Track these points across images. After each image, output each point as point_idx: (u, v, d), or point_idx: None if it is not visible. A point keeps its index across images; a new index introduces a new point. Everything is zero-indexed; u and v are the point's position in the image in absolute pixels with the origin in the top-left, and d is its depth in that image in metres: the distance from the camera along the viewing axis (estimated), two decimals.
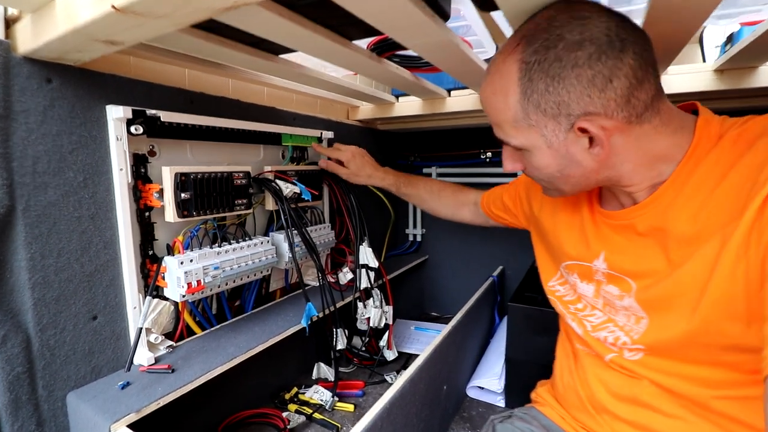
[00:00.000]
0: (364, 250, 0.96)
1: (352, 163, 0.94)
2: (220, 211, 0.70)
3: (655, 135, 0.46)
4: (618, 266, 0.53)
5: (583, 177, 0.48)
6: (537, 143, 0.47)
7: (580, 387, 0.59)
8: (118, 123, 0.59)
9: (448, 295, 1.40)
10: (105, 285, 0.60)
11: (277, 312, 0.85)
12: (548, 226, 0.66)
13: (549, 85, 0.43)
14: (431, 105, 1.08)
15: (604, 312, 0.58)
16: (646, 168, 0.47)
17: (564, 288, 0.67)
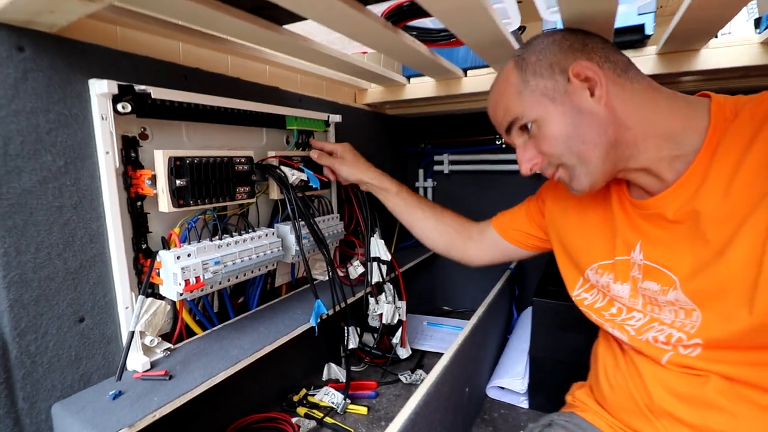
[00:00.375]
0: (375, 242, 0.90)
1: (348, 154, 0.84)
2: (220, 200, 0.63)
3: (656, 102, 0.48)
4: (655, 258, 0.50)
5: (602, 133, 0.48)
6: (543, 105, 0.49)
7: (635, 389, 0.53)
8: (103, 100, 0.52)
9: (460, 288, 1.34)
10: (92, 283, 0.53)
11: (283, 309, 0.78)
12: (573, 229, 0.64)
13: (539, 55, 0.51)
14: (446, 86, 1.01)
15: (645, 312, 0.54)
16: (661, 138, 0.48)
17: (591, 294, 0.62)
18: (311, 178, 0.76)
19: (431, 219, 0.82)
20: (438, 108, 1.16)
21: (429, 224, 0.82)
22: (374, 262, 0.90)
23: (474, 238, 0.82)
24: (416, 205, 0.82)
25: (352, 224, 0.96)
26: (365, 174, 0.82)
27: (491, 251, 0.81)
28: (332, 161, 0.82)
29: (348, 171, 0.82)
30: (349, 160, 0.83)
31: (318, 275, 0.93)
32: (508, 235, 0.78)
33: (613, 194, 0.58)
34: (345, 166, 0.82)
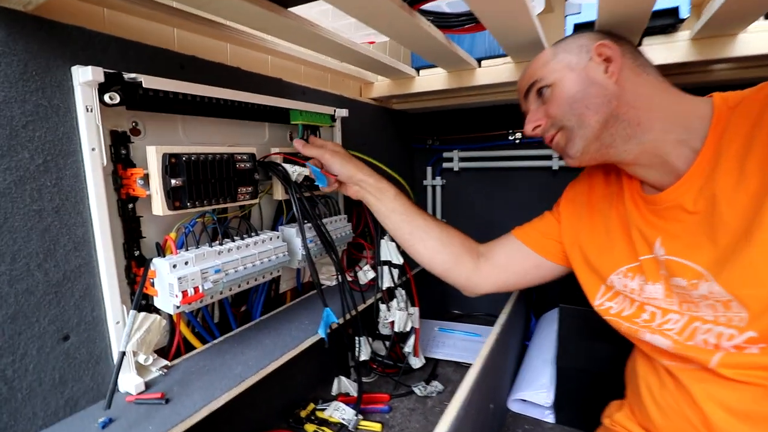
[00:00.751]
0: (386, 245, 0.84)
1: (340, 148, 0.74)
2: (219, 202, 0.57)
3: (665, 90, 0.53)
4: (677, 251, 0.50)
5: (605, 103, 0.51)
6: (563, 72, 0.54)
7: (689, 410, 0.48)
8: (88, 89, 0.46)
9: None
10: (78, 296, 0.47)
11: (289, 319, 0.73)
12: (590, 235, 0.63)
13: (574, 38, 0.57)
14: (458, 78, 0.95)
15: (682, 312, 0.51)
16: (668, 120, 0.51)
17: (616, 302, 0.58)
18: (318, 176, 0.70)
19: (435, 229, 0.71)
20: (448, 102, 1.10)
21: (432, 234, 0.71)
22: (385, 266, 0.84)
23: (484, 255, 0.72)
24: (418, 214, 0.72)
25: (360, 225, 0.91)
26: (360, 170, 0.71)
27: (509, 267, 0.71)
28: (321, 152, 0.70)
29: (340, 164, 0.70)
30: (341, 154, 0.72)
31: (325, 280, 0.87)
32: (538, 244, 0.70)
33: (625, 193, 0.59)
34: (337, 158, 0.70)
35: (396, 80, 1.03)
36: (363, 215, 0.90)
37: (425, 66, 0.99)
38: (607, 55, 0.53)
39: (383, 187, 0.71)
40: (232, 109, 0.63)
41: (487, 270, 0.72)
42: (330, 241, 0.72)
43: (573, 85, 0.53)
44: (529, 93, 0.59)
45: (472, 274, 0.72)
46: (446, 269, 0.72)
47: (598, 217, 0.63)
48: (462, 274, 0.72)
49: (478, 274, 0.72)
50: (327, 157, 0.71)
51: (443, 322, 1.15)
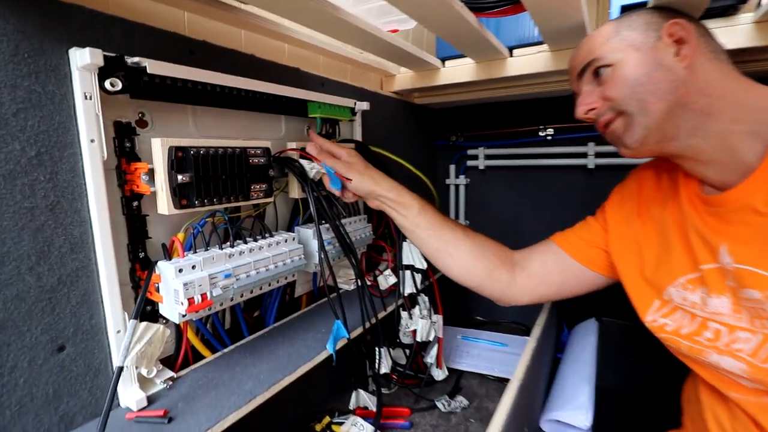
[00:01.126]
0: (408, 248, 0.78)
1: (356, 159, 0.65)
2: (231, 200, 0.52)
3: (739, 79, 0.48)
4: (749, 259, 0.44)
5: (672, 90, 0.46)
6: (626, 51, 0.48)
7: None
8: (86, 74, 0.41)
9: None
10: (74, 303, 0.43)
11: (305, 326, 0.67)
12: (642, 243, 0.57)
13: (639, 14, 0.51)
14: (487, 68, 0.88)
15: (755, 329, 0.44)
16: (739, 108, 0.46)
17: (673, 319, 0.52)
18: (332, 178, 0.64)
19: (466, 242, 0.64)
20: (474, 95, 1.03)
21: (463, 248, 0.64)
22: (407, 271, 0.78)
23: (520, 265, 0.66)
24: (445, 226, 0.65)
25: (381, 227, 0.85)
26: (379, 185, 0.64)
27: (547, 278, 0.65)
28: (337, 165, 0.64)
29: (358, 180, 0.63)
30: (357, 166, 0.64)
31: (343, 284, 0.82)
32: (581, 253, 0.63)
33: (681, 195, 0.53)
34: (354, 172, 0.63)
35: (419, 72, 0.97)
36: (384, 216, 0.85)
37: (451, 56, 0.92)
38: (679, 35, 0.47)
39: (406, 202, 0.64)
40: (246, 99, 0.59)
41: (523, 282, 0.66)
42: (349, 244, 0.67)
43: (637, 66, 0.47)
44: (584, 73, 0.53)
45: (506, 287, 0.66)
46: (478, 284, 0.66)
47: (650, 223, 0.57)
48: (496, 288, 0.66)
49: (514, 287, 0.66)
50: (343, 172, 0.64)
51: (466, 330, 1.08)
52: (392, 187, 0.64)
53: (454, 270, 0.66)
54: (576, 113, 0.54)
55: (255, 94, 0.59)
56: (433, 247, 0.66)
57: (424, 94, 1.09)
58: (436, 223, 0.65)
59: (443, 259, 0.66)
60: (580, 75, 0.54)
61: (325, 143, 0.67)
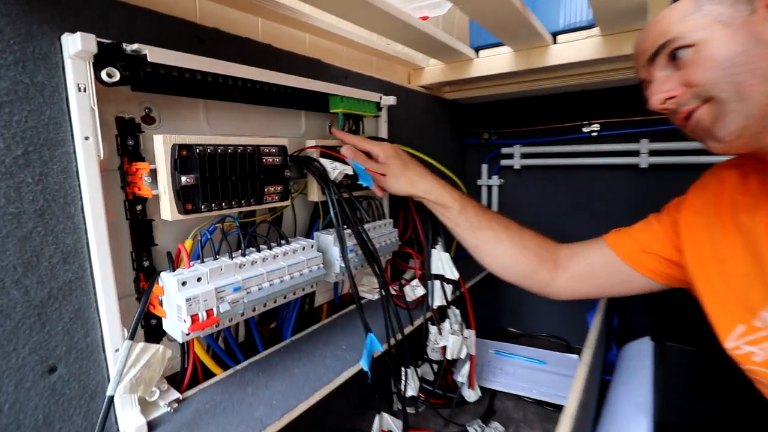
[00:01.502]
0: (438, 256, 0.71)
1: (393, 160, 0.62)
2: (242, 204, 0.47)
3: None
4: None
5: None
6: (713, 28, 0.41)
7: None
8: (80, 63, 0.37)
9: (531, 307, 1.12)
10: (67, 319, 0.38)
11: (324, 340, 0.62)
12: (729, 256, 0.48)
13: None
14: (526, 58, 0.80)
15: None
16: None
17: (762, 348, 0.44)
18: (362, 175, 0.58)
19: (505, 242, 0.63)
20: (510, 88, 0.94)
21: (502, 248, 0.64)
22: (436, 281, 0.71)
23: (563, 265, 0.63)
24: (485, 225, 0.63)
25: (408, 232, 0.78)
26: (416, 186, 0.63)
27: (592, 280, 0.61)
28: (373, 167, 0.61)
29: (394, 183, 0.62)
30: (394, 167, 0.62)
31: (366, 293, 0.76)
32: (634, 257, 0.57)
33: None
34: (390, 176, 0.62)
35: (451, 64, 0.89)
36: (411, 219, 0.78)
37: (486, 45, 0.84)
38: None
39: (446, 203, 0.63)
40: (262, 93, 0.54)
41: (563, 281, 0.63)
42: (373, 251, 0.60)
43: (729, 44, 0.40)
44: (656, 56, 0.46)
45: (545, 285, 0.64)
46: (516, 281, 0.66)
47: (735, 233, 0.48)
48: (535, 286, 0.65)
49: (554, 286, 0.63)
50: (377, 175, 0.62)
51: (499, 343, 1.00)
52: (431, 188, 0.62)
53: (492, 268, 0.66)
54: (650, 104, 0.47)
55: (272, 87, 0.54)
56: (473, 244, 0.65)
57: (455, 88, 1.01)
58: (476, 222, 0.63)
59: (482, 257, 0.66)
60: (652, 59, 0.47)
61: (359, 141, 0.63)
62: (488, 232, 0.63)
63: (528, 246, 0.63)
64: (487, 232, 0.63)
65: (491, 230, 0.63)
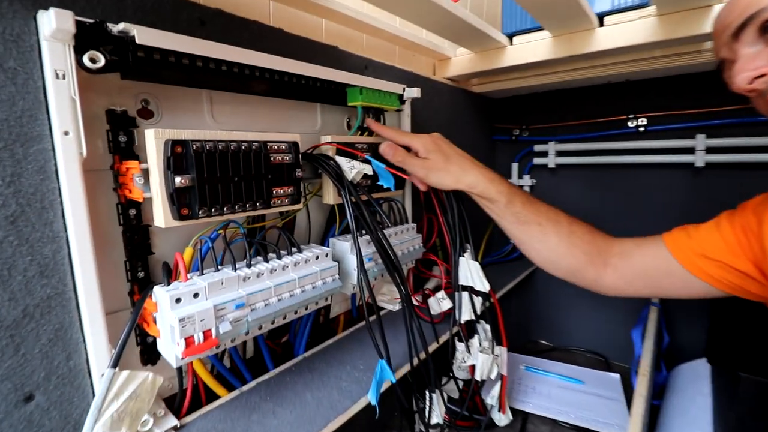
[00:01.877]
0: (466, 265, 0.64)
1: (435, 155, 0.57)
2: (247, 208, 0.41)
3: None
4: None
5: None
6: None
7: None
8: (58, 46, 0.32)
9: (565, 317, 1.03)
10: (46, 340, 0.34)
11: (340, 358, 0.56)
12: None
13: None
14: (568, 43, 0.71)
15: None
16: None
17: None
18: (382, 175, 0.52)
19: (552, 238, 0.58)
20: (546, 79, 0.86)
21: (548, 245, 0.58)
22: (464, 293, 0.64)
23: (613, 264, 0.57)
24: (533, 220, 0.58)
25: (433, 236, 0.71)
26: (460, 180, 0.57)
27: (642, 280, 0.55)
28: (412, 162, 0.57)
29: (437, 177, 0.57)
30: (436, 161, 0.57)
31: (385, 303, 0.70)
32: (694, 263, 0.50)
33: None
34: (432, 170, 0.57)
35: (481, 52, 0.81)
36: (435, 223, 0.71)
37: (520, 31, 0.76)
38: None
39: (492, 196, 0.57)
40: (273, 83, 0.48)
41: (612, 281, 0.57)
42: (394, 259, 0.54)
43: None
44: (743, 31, 0.40)
45: (592, 284, 0.59)
46: (562, 277, 0.61)
47: None
48: (580, 282, 0.60)
49: (601, 285, 0.58)
50: (418, 172, 0.57)
51: (530, 358, 0.91)
52: (477, 182, 0.57)
53: (537, 263, 0.62)
54: (735, 84, 0.41)
55: (283, 76, 0.48)
56: (519, 239, 0.61)
57: (484, 79, 0.93)
58: (523, 217, 0.58)
59: (527, 252, 0.61)
60: (737, 35, 0.41)
61: (397, 135, 0.59)
62: (535, 228, 0.58)
63: (576, 243, 0.57)
64: (533, 227, 0.58)
65: (538, 225, 0.57)
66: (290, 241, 0.48)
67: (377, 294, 0.71)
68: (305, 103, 0.56)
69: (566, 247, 0.57)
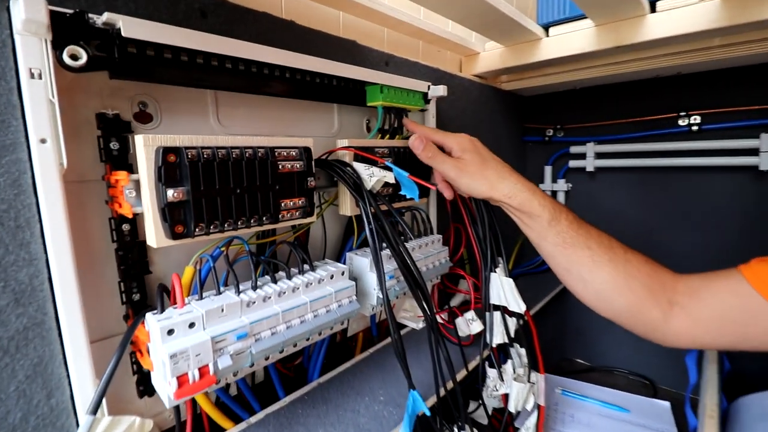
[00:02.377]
0: (499, 282, 0.57)
1: (470, 155, 0.50)
2: (251, 224, 0.36)
3: None
4: None
5: None
6: None
7: None
8: (33, 42, 0.27)
9: (603, 334, 0.94)
10: (22, 377, 0.30)
11: (357, 387, 0.50)
12: None
13: None
14: (614, 33, 0.64)
15: None
16: None
17: None
18: (405, 184, 0.46)
19: (605, 267, 0.47)
20: (585, 74, 0.78)
21: (601, 275, 0.48)
22: (496, 313, 0.57)
23: (681, 303, 0.46)
24: (581, 243, 0.48)
25: (460, 249, 0.65)
26: (496, 188, 0.49)
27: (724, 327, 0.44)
28: (443, 160, 0.50)
29: (469, 182, 0.50)
30: (471, 164, 0.50)
31: (408, 320, 0.64)
32: None
33: None
34: (465, 173, 0.49)
35: (513, 46, 0.75)
36: (463, 233, 0.65)
37: (559, 21, 0.69)
38: None
39: (533, 211, 0.49)
40: (285, 82, 0.43)
41: (682, 325, 0.46)
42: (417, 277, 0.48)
43: None
44: None
45: (654, 328, 0.47)
46: (616, 317, 0.49)
47: None
48: (639, 327, 0.48)
49: (666, 330, 0.46)
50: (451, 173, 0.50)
51: (566, 380, 0.83)
52: (515, 192, 0.49)
53: (585, 298, 0.51)
54: None
55: (296, 74, 0.43)
56: (563, 266, 0.50)
57: (515, 76, 0.86)
58: (570, 239, 0.48)
59: (573, 283, 0.51)
60: None
61: (430, 132, 0.53)
62: (584, 252, 0.48)
63: (635, 275, 0.47)
64: (582, 252, 0.48)
65: (588, 250, 0.47)
66: (301, 258, 0.42)
67: (399, 310, 0.65)
68: (321, 104, 0.52)
69: (623, 278, 0.47)
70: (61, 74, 0.30)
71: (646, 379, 0.87)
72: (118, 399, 0.38)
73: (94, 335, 0.35)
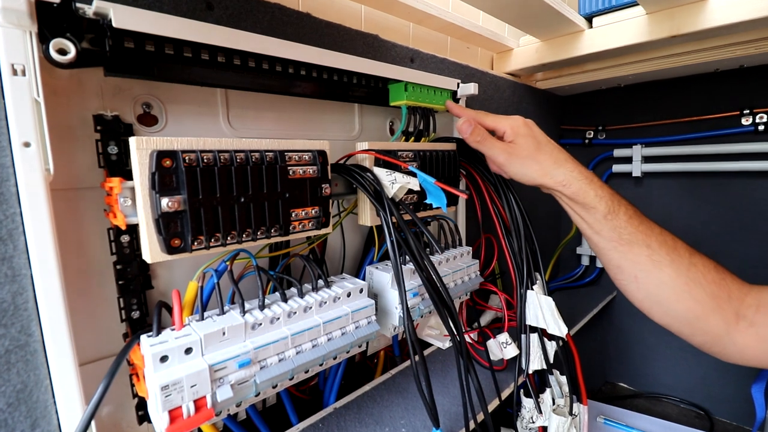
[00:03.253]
0: (536, 301, 0.51)
1: (524, 139, 0.46)
2: (257, 236, 0.32)
3: None
4: None
5: None
6: None
7: None
8: (16, 34, 0.25)
9: (650, 357, 0.85)
10: (3, 405, 0.27)
11: (376, 415, 0.46)
12: None
13: None
14: (669, 21, 0.56)
15: None
16: None
17: None
18: (431, 191, 0.41)
19: (665, 268, 0.43)
20: (631, 69, 0.71)
21: (659, 277, 0.43)
22: (533, 335, 0.51)
23: (749, 317, 0.41)
24: (641, 241, 0.43)
25: (492, 262, 0.59)
26: (549, 175, 0.45)
27: None
28: (492, 144, 0.47)
29: (520, 167, 0.46)
30: (524, 148, 0.46)
31: (433, 339, 0.59)
32: None
33: None
34: (516, 157, 0.46)
35: (550, 40, 0.68)
36: (495, 244, 0.59)
37: (604, 10, 0.62)
38: None
39: (588, 202, 0.44)
40: (300, 79, 0.39)
41: (746, 340, 0.41)
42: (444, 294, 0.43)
43: None
44: None
45: (718, 340, 0.42)
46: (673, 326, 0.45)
47: None
48: (699, 336, 0.44)
49: (730, 343, 0.42)
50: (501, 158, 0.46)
51: (608, 407, 0.75)
52: (570, 179, 0.45)
53: (638, 301, 0.46)
54: None
55: (312, 70, 0.40)
56: (616, 264, 0.46)
57: (552, 73, 0.80)
58: (627, 234, 0.44)
59: (626, 283, 0.46)
60: None
61: (480, 115, 0.48)
62: (642, 251, 0.43)
63: (699, 281, 0.41)
64: (641, 249, 0.43)
65: (647, 249, 0.43)
66: (315, 273, 0.38)
67: (423, 327, 0.60)
68: (341, 104, 0.48)
69: (685, 282, 0.42)
70: (52, 71, 0.27)
71: (700, 408, 0.78)
72: (116, 424, 0.35)
73: (89, 355, 0.32)
